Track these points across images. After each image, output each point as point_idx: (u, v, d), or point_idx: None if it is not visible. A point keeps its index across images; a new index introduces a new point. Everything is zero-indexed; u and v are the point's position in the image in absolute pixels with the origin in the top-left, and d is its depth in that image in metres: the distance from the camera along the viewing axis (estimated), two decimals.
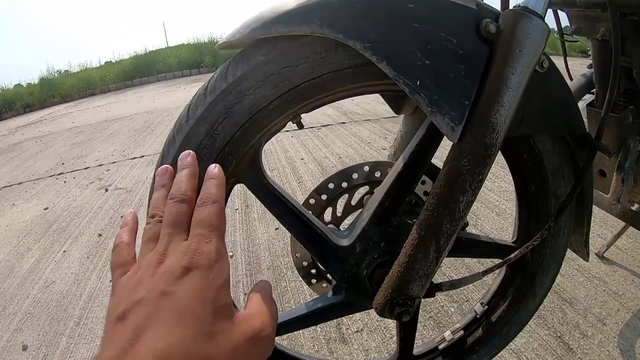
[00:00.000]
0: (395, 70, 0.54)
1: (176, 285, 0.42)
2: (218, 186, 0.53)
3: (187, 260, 0.44)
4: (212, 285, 0.43)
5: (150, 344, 0.37)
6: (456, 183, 0.56)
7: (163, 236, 0.48)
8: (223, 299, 0.44)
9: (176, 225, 0.48)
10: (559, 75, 0.63)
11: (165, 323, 0.39)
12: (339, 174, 0.78)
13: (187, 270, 0.43)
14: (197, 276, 0.43)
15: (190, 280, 0.42)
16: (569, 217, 0.78)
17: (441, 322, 1.51)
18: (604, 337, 1.36)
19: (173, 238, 0.47)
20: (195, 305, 0.41)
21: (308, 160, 3.41)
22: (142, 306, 0.41)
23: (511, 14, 0.56)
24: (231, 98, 0.59)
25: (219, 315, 0.42)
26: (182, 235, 0.48)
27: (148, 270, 0.45)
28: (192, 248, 0.45)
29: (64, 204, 3.31)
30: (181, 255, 0.44)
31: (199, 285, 0.42)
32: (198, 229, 0.47)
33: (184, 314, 0.40)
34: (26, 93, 11.91)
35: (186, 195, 0.51)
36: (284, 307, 1.70)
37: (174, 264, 0.44)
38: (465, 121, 0.55)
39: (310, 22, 0.54)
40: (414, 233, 0.59)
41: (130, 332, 0.38)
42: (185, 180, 0.53)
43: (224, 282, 0.45)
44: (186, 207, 0.50)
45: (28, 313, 1.97)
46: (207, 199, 0.50)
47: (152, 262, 0.45)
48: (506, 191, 2.42)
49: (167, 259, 0.45)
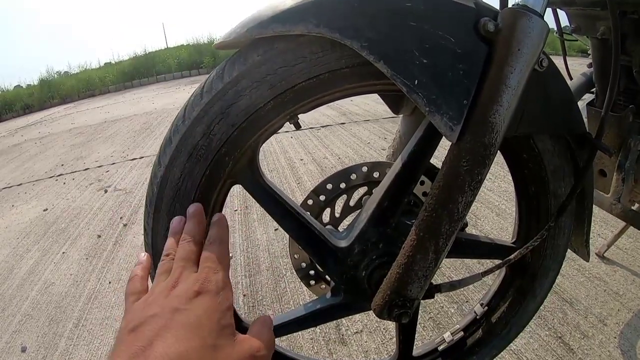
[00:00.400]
0: (393, 69, 0.53)
1: (188, 304, 0.48)
2: (223, 228, 0.61)
3: (198, 285, 0.50)
4: (219, 307, 0.50)
5: (162, 350, 0.42)
6: (455, 183, 0.55)
7: (176, 268, 0.54)
8: (227, 320, 0.50)
9: (188, 260, 0.55)
10: (559, 75, 0.63)
11: (177, 334, 0.44)
12: (338, 175, 0.78)
13: (198, 294, 0.50)
14: (206, 298, 0.49)
15: (201, 301, 0.49)
16: (569, 217, 0.78)
17: (441, 323, 1.50)
18: (605, 338, 1.35)
19: (185, 269, 0.54)
20: (204, 321, 0.47)
21: (307, 160, 3.41)
22: (155, 319, 0.46)
23: (510, 13, 0.55)
24: (228, 98, 0.58)
25: (224, 333, 0.48)
26: (193, 268, 0.54)
27: (162, 294, 0.51)
28: (202, 276, 0.52)
29: (64, 205, 3.31)
30: (193, 282, 0.51)
31: (208, 306, 0.49)
32: (207, 262, 0.54)
33: (194, 328, 0.46)
34: (26, 94, 11.93)
35: (196, 238, 0.58)
36: (282, 308, 1.70)
37: (187, 288, 0.50)
38: (464, 121, 0.54)
39: (306, 22, 0.53)
40: (412, 234, 0.59)
41: (144, 340, 0.43)
42: (194, 227, 0.60)
43: (228, 306, 0.51)
44: (196, 247, 0.57)
45: (27, 314, 1.97)
46: (215, 240, 0.58)
47: (166, 287, 0.52)
48: (506, 191, 2.41)
49: (180, 284, 0.51)
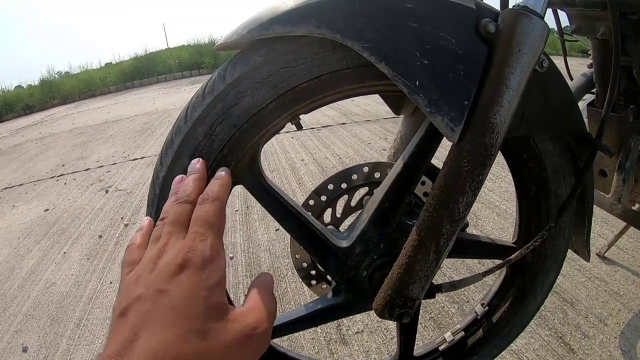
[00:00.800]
0: (394, 70, 0.53)
1: (171, 284, 0.43)
2: (221, 186, 0.55)
3: (181, 257, 0.45)
4: (204, 283, 0.44)
5: (147, 341, 0.39)
6: (456, 184, 0.55)
7: (164, 234, 0.49)
8: (216, 298, 0.45)
9: (177, 224, 0.50)
10: (559, 75, 0.63)
11: (161, 321, 0.41)
12: (339, 175, 0.78)
13: (181, 268, 0.44)
14: (190, 275, 0.44)
15: (184, 279, 0.44)
16: (570, 217, 0.78)
17: (442, 323, 1.50)
18: (605, 338, 1.35)
19: (172, 235, 0.49)
20: (188, 303, 0.42)
21: (308, 161, 3.41)
22: (140, 303, 0.42)
23: (511, 14, 0.55)
24: (229, 99, 0.59)
25: (211, 314, 0.43)
26: (182, 233, 0.49)
27: (147, 266, 0.46)
28: (187, 245, 0.46)
29: (65, 206, 3.31)
30: (177, 252, 0.46)
31: (191, 284, 0.44)
32: (195, 226, 0.49)
33: (178, 312, 0.41)
34: (27, 94, 11.94)
35: (190, 197, 0.53)
36: (284, 308, 1.70)
37: (169, 261, 0.45)
38: (465, 122, 0.55)
39: (308, 23, 0.54)
40: (413, 234, 0.59)
41: (129, 330, 0.40)
42: (191, 184, 0.55)
43: (217, 280, 0.46)
44: (189, 207, 0.52)
45: (28, 314, 1.97)
46: (207, 197, 0.52)
47: (152, 258, 0.47)
48: (506, 191, 2.42)
49: (165, 256, 0.47)
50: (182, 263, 0.45)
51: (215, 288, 0.45)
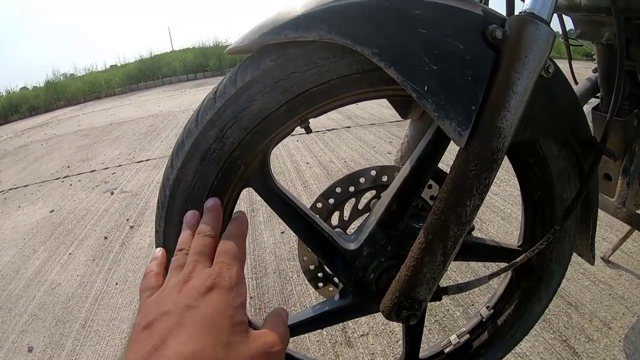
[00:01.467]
0: (403, 75, 0.54)
1: (200, 301, 0.47)
2: (242, 225, 0.60)
3: (211, 280, 0.49)
4: (232, 303, 0.48)
5: (176, 348, 0.42)
6: (463, 187, 0.56)
7: (189, 262, 0.53)
8: (240, 316, 0.48)
9: (202, 254, 0.54)
10: (565, 80, 0.63)
11: (190, 331, 0.44)
12: (346, 179, 0.79)
13: (210, 289, 0.48)
14: (219, 294, 0.48)
15: (213, 297, 0.48)
16: (575, 221, 0.78)
17: (447, 325, 1.51)
18: (610, 341, 1.35)
19: (198, 264, 0.52)
20: (217, 318, 0.46)
21: (313, 164, 3.41)
22: (168, 316, 0.46)
23: (517, 20, 0.56)
24: (240, 103, 0.59)
25: (237, 330, 0.47)
26: (207, 262, 0.53)
27: (174, 289, 0.50)
28: (215, 271, 0.51)
29: (70, 207, 3.32)
30: (206, 277, 0.50)
31: (220, 302, 0.48)
32: (222, 257, 0.53)
33: (207, 325, 0.45)
34: (32, 96, 11.97)
35: (211, 232, 0.58)
36: (290, 310, 1.70)
37: (199, 284, 0.49)
38: (472, 126, 0.55)
39: (318, 28, 0.54)
40: (421, 237, 0.60)
41: (157, 338, 0.43)
42: (210, 221, 0.60)
43: (242, 302, 0.50)
44: (211, 241, 0.56)
45: (34, 315, 1.98)
46: (232, 235, 0.57)
47: (179, 282, 0.51)
48: (511, 195, 2.42)
49: (192, 280, 0.50)
50: (212, 285, 0.49)
51: (240, 308, 0.49)
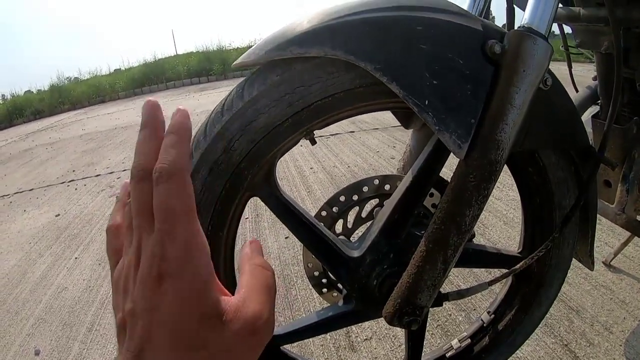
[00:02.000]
0: (405, 90, 0.56)
1: (157, 299, 0.38)
2: (177, 144, 0.41)
3: (155, 270, 0.38)
4: (188, 295, 0.38)
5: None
6: (462, 198, 0.58)
7: (135, 228, 0.40)
8: (208, 301, 0.39)
9: (144, 214, 0.40)
10: (563, 91, 0.65)
11: (161, 341, 0.37)
12: (350, 187, 0.80)
13: (159, 281, 0.37)
14: (171, 285, 0.38)
15: (167, 292, 0.37)
16: (574, 227, 0.79)
17: (449, 330, 1.52)
18: (611, 346, 1.36)
19: (143, 231, 0.39)
20: (180, 320, 0.38)
21: (317, 169, 3.42)
22: (135, 320, 0.38)
23: (515, 35, 0.58)
24: (247, 116, 0.61)
25: (206, 323, 0.38)
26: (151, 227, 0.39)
27: (130, 272, 0.40)
28: (157, 253, 0.38)
29: (76, 211, 3.34)
30: (150, 263, 0.38)
31: (175, 297, 0.38)
32: (159, 223, 0.38)
33: (173, 331, 0.37)
34: (36, 99, 12.04)
35: (148, 168, 0.40)
36: (293, 315, 1.72)
37: (146, 275, 0.38)
38: (472, 139, 0.57)
39: (323, 44, 0.56)
40: (422, 245, 0.61)
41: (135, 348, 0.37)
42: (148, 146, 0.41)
43: (203, 281, 0.39)
44: (150, 185, 0.39)
45: (40, 318, 2.00)
46: (162, 174, 0.38)
47: (132, 263, 0.40)
48: (514, 200, 2.42)
49: (141, 262, 0.39)
50: (158, 275, 0.37)
51: (202, 292, 0.39)
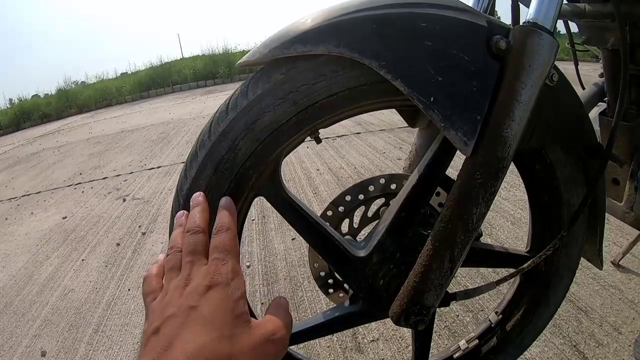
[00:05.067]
0: (410, 87, 0.55)
1: (201, 300, 0.49)
2: (230, 215, 0.60)
3: (208, 280, 0.51)
4: (230, 297, 0.51)
5: (182, 347, 0.44)
6: (469, 196, 0.57)
7: (185, 264, 0.55)
8: (240, 308, 0.51)
9: (196, 253, 0.55)
10: (569, 87, 0.64)
11: (194, 330, 0.46)
12: (356, 187, 0.80)
13: (209, 288, 0.51)
14: (218, 291, 0.50)
15: (213, 295, 0.50)
16: (582, 226, 0.79)
17: (456, 331, 1.51)
18: (620, 346, 1.35)
19: (194, 264, 0.54)
20: (218, 314, 0.49)
21: (324, 170, 3.42)
22: (173, 319, 0.48)
23: (521, 31, 0.57)
24: (252, 115, 0.61)
25: (238, 322, 0.50)
26: (202, 260, 0.55)
27: (176, 292, 0.52)
28: (212, 270, 0.52)
29: (83, 214, 3.36)
30: (203, 276, 0.52)
31: (219, 298, 0.50)
32: (215, 253, 0.54)
33: (209, 322, 0.48)
34: (43, 103, 12.14)
35: (200, 227, 0.58)
36: (300, 316, 1.71)
37: (198, 284, 0.51)
38: (478, 136, 0.57)
39: (327, 42, 0.56)
40: (428, 244, 0.61)
41: (164, 341, 0.46)
42: (198, 216, 0.60)
43: (240, 295, 0.52)
44: (202, 237, 0.57)
45: (47, 320, 2.00)
46: (222, 228, 0.57)
47: (179, 285, 0.53)
48: (521, 200, 2.41)
49: (192, 282, 0.52)
50: (210, 284, 0.51)
51: (239, 301, 0.51)
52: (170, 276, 0.56)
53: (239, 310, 0.50)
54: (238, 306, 0.51)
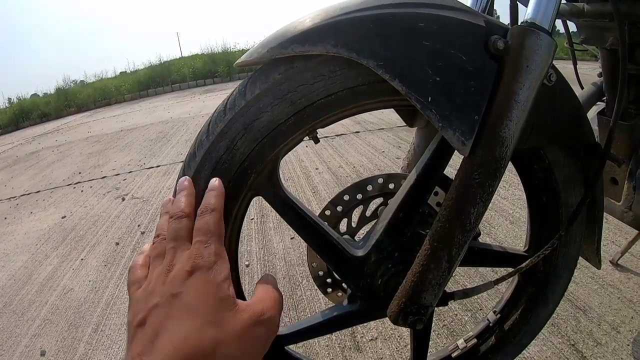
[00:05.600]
0: (407, 87, 0.55)
1: (183, 287, 0.49)
2: (217, 196, 0.59)
3: (190, 264, 0.51)
4: (213, 281, 0.50)
5: (168, 337, 0.45)
6: (467, 195, 0.57)
7: (168, 250, 0.54)
8: (224, 292, 0.50)
9: (179, 239, 0.55)
10: (567, 87, 0.64)
11: (178, 318, 0.47)
12: (354, 186, 0.80)
13: (191, 273, 0.50)
14: (200, 275, 0.50)
15: (195, 280, 0.50)
16: (580, 226, 0.79)
17: (455, 330, 1.51)
18: (618, 345, 1.35)
19: (177, 250, 0.54)
20: (201, 300, 0.48)
21: (323, 169, 3.42)
22: (158, 309, 0.48)
23: (518, 30, 0.57)
24: (250, 115, 0.61)
25: (223, 305, 0.49)
26: (185, 245, 0.54)
27: (159, 280, 0.51)
28: (194, 253, 0.52)
29: (82, 213, 3.36)
30: (185, 261, 0.51)
31: (202, 282, 0.50)
32: (198, 236, 0.54)
33: (193, 309, 0.48)
34: (42, 103, 12.13)
35: (184, 212, 0.57)
36: (299, 315, 1.72)
37: (180, 270, 0.51)
38: (475, 135, 0.56)
39: (325, 42, 0.56)
40: (426, 244, 0.61)
41: (150, 333, 0.46)
42: (183, 200, 0.59)
43: (224, 277, 0.51)
44: (186, 222, 0.56)
45: (46, 319, 2.01)
46: (206, 209, 0.57)
47: (162, 273, 0.52)
48: (520, 199, 2.41)
49: (174, 268, 0.52)
50: (191, 269, 0.50)
51: (223, 284, 0.51)
52: (155, 264, 0.55)
53: (223, 293, 0.50)
54: (222, 289, 0.50)
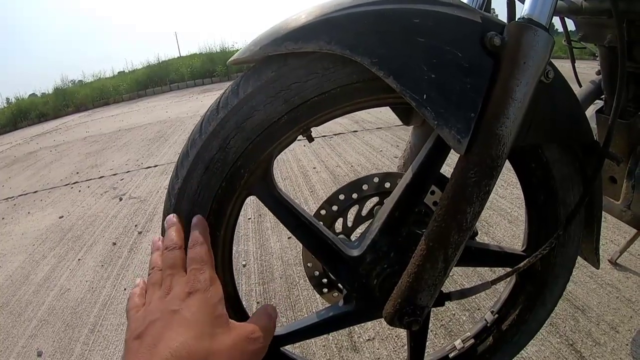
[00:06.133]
0: (402, 85, 0.55)
1: (182, 305, 0.54)
2: (202, 231, 0.64)
3: (189, 287, 0.56)
4: (209, 301, 0.56)
5: (166, 344, 0.49)
6: (463, 194, 0.57)
7: (166, 277, 0.59)
8: (219, 311, 0.56)
9: (175, 267, 0.60)
10: (565, 85, 0.63)
11: (177, 330, 0.51)
12: (350, 185, 0.79)
13: (190, 294, 0.56)
14: (197, 296, 0.56)
15: (193, 300, 0.55)
16: (579, 225, 0.78)
17: (452, 330, 1.50)
18: (617, 345, 1.34)
19: (174, 276, 0.59)
20: (198, 315, 0.53)
21: (320, 169, 3.41)
22: (156, 323, 0.52)
23: (515, 26, 0.57)
24: (243, 113, 0.60)
25: (218, 322, 0.55)
26: (181, 272, 0.60)
27: (159, 301, 0.56)
28: (191, 278, 0.58)
29: (79, 213, 3.35)
30: (184, 285, 0.57)
31: (199, 302, 0.55)
32: (192, 265, 0.59)
33: (190, 322, 0.52)
34: (41, 102, 12.12)
35: (177, 244, 0.63)
36: (296, 315, 1.71)
37: (179, 291, 0.56)
38: (472, 133, 0.56)
39: (318, 39, 0.55)
40: (422, 243, 0.60)
41: (150, 341, 0.50)
42: (173, 234, 0.64)
43: (219, 299, 0.57)
44: (179, 252, 0.62)
45: (43, 320, 2.00)
46: (196, 242, 0.62)
47: (161, 295, 0.57)
48: (518, 198, 2.40)
49: (173, 290, 0.57)
50: (190, 290, 0.56)
51: (218, 304, 0.57)
52: (153, 290, 0.59)
53: (218, 312, 0.56)
54: (217, 309, 0.56)
